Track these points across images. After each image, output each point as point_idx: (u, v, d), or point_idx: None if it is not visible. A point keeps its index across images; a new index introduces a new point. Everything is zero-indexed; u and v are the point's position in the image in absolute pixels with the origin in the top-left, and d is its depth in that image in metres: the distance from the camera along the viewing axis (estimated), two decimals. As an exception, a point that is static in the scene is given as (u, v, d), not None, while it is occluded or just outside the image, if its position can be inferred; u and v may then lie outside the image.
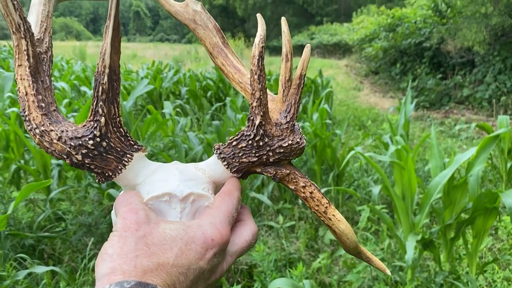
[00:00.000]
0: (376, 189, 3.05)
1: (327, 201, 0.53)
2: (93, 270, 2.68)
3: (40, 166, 3.26)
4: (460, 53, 9.96)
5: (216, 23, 0.65)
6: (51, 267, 2.34)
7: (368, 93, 11.60)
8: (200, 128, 5.94)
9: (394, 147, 3.10)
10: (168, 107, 4.81)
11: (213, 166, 0.53)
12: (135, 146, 0.50)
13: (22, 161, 3.50)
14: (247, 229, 0.51)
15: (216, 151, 0.53)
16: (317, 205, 0.53)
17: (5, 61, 8.66)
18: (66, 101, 4.52)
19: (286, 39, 0.55)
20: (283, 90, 0.57)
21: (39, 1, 0.58)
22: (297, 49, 27.77)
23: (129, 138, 0.50)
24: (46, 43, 0.53)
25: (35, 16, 0.56)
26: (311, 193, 0.53)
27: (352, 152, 3.15)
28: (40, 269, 2.32)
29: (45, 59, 0.52)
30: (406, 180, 2.76)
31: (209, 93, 7.54)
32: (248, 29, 38.70)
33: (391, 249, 3.11)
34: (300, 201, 3.66)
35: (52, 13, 0.59)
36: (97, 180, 0.50)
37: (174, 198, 0.48)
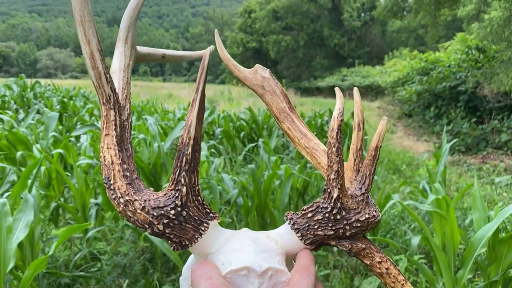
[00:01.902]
0: (415, 240, 2.95)
1: (404, 278, 0.52)
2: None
3: (79, 205, 3.33)
4: (497, 97, 9.78)
5: (283, 89, 0.66)
6: (86, 309, 2.34)
7: (402, 136, 11.45)
8: (233, 168, 5.97)
9: (433, 196, 3.01)
10: (203, 149, 4.88)
11: (285, 236, 0.53)
12: (210, 214, 0.51)
13: (61, 199, 3.58)
14: None
15: (289, 221, 0.53)
16: (393, 282, 0.51)
17: (49, 100, 9.07)
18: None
19: (358, 109, 0.55)
20: (354, 159, 0.57)
21: (119, 67, 0.61)
22: (328, 90, 28.04)
23: (205, 206, 0.51)
24: (127, 110, 0.55)
25: (116, 83, 0.59)
26: (387, 269, 0.51)
27: (391, 202, 3.08)
28: (76, 310, 2.32)
29: (127, 126, 0.54)
30: (448, 231, 2.66)
31: (242, 134, 7.62)
32: (280, 70, 39.40)
33: (431, 303, 2.96)
34: (335, 248, 3.56)
35: (130, 79, 0.62)
36: (172, 248, 0.50)
37: (252, 272, 0.48)
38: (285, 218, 0.53)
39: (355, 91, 0.57)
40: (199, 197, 0.50)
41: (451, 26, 26.34)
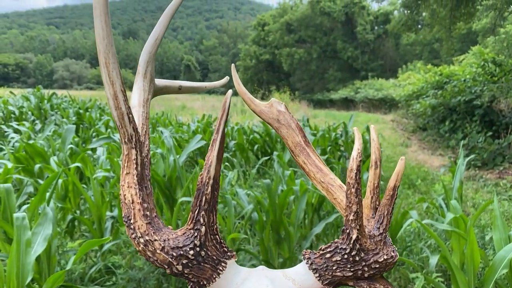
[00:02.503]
0: (434, 260, 2.90)
1: (423, 320, 0.51)
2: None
3: (95, 217, 3.35)
4: (514, 111, 9.64)
5: (298, 123, 0.67)
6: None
7: (416, 149, 11.33)
8: (247, 181, 5.97)
9: (451, 215, 2.97)
10: (217, 162, 4.89)
11: (303, 276, 0.53)
12: (228, 253, 0.51)
13: (77, 212, 3.61)
14: None
15: (307, 261, 0.52)
16: (413, 324, 0.51)
17: (65, 111, 9.21)
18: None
19: (375, 147, 0.56)
20: (371, 197, 0.57)
21: (139, 102, 0.62)
22: (341, 103, 27.95)
23: (223, 244, 0.51)
24: (146, 146, 0.56)
25: (136, 118, 0.60)
26: (406, 310, 0.51)
27: (410, 220, 3.05)
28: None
29: (146, 163, 0.54)
30: (468, 252, 2.62)
31: (255, 147, 7.63)
32: (293, 82, 39.49)
33: (449, 324, 2.90)
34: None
35: (149, 113, 0.63)
36: (189, 287, 0.50)
37: None
38: (302, 257, 0.53)
39: (372, 129, 0.57)
40: (217, 236, 0.50)
41: (465, 39, 26.14)
